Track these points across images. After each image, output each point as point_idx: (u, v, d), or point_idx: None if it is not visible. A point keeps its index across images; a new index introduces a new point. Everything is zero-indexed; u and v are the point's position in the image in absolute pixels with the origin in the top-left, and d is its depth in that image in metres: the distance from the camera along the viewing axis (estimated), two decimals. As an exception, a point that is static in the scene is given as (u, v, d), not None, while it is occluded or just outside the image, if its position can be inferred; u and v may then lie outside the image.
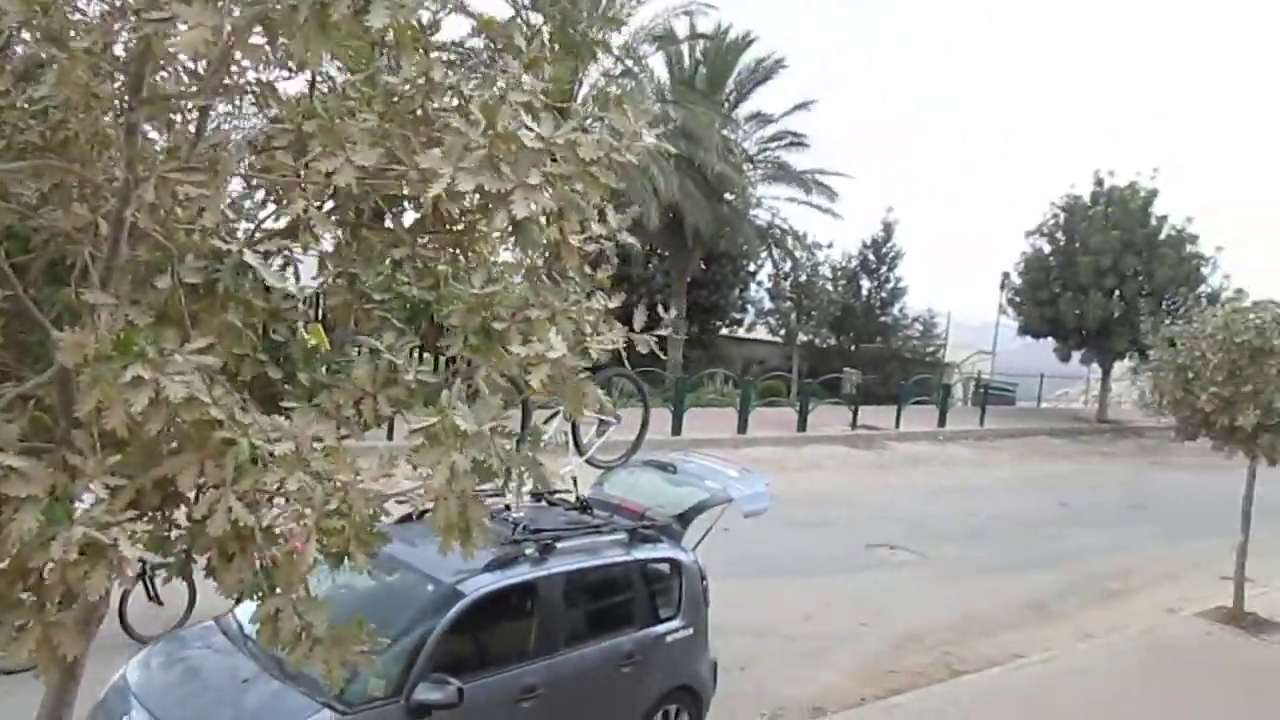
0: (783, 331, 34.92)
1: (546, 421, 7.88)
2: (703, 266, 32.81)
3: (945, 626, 12.03)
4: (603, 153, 3.00)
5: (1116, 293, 30.69)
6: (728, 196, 29.54)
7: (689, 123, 26.51)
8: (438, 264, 3.50)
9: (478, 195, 2.83)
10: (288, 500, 2.75)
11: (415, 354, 3.61)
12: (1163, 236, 31.17)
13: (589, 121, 3.20)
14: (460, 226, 3.57)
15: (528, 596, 6.85)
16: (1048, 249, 33.01)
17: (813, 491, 18.14)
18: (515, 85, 3.22)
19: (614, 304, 3.46)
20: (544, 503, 8.10)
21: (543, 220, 2.93)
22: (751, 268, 36.61)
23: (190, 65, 3.12)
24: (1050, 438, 29.98)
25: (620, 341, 3.33)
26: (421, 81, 3.27)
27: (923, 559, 14.71)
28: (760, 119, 31.17)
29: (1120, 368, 32.31)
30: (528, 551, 6.85)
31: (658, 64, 29.27)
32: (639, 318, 3.42)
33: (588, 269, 3.46)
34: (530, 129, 2.89)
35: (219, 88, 3.15)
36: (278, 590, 2.81)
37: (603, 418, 8.36)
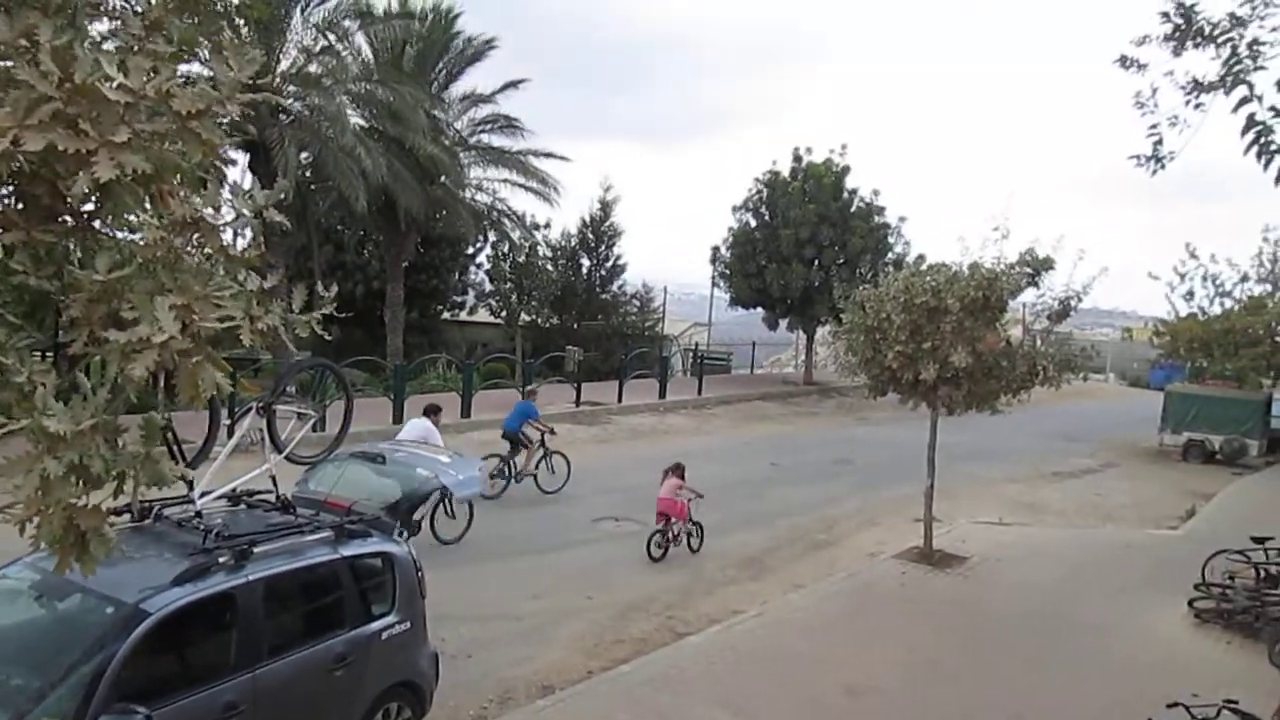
0: (504, 313, 34.77)
1: (238, 419, 7.39)
2: (420, 250, 32.12)
3: (668, 591, 12.37)
4: (204, 105, 2.72)
5: (816, 262, 32.68)
6: (442, 179, 29.00)
7: (397, 104, 25.80)
8: (59, 248, 3.09)
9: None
10: None
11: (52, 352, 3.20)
12: (854, 209, 33.46)
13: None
14: (90, 206, 3.18)
15: (224, 608, 6.37)
16: (753, 223, 34.61)
17: (538, 471, 18.18)
18: (139, 44, 2.89)
19: (270, 283, 3.18)
20: (242, 505, 7.60)
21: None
22: (470, 250, 36.26)
23: None
24: (763, 402, 31.59)
25: (278, 324, 3.06)
26: (23, 43, 2.87)
27: (647, 528, 15.01)
28: (472, 99, 30.73)
29: (823, 332, 34.52)
30: (221, 560, 6.37)
31: (365, 43, 28.19)
32: (298, 297, 3.16)
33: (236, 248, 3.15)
34: (113, 79, 2.57)
35: None
36: None
37: (301, 411, 7.95)
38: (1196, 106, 6.94)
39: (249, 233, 3.88)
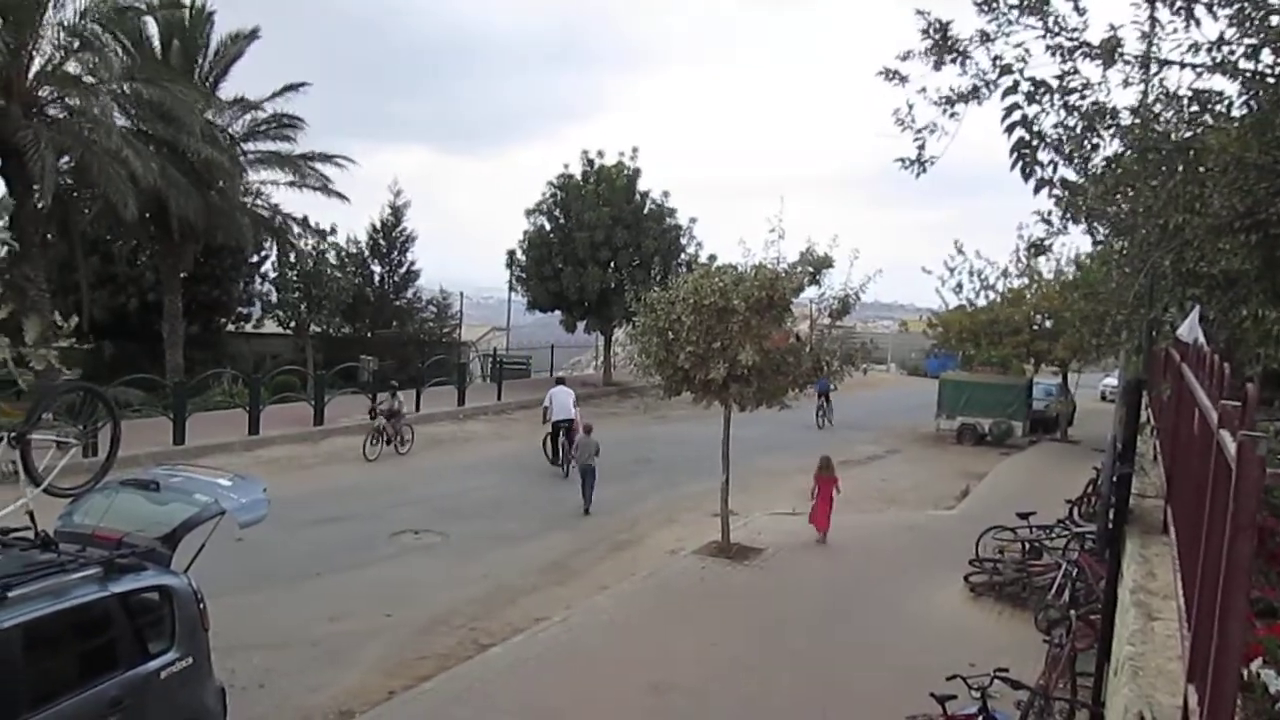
0: (293, 324, 33.37)
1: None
2: (199, 260, 30.42)
3: (471, 602, 12.20)
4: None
5: (611, 264, 33.03)
6: (220, 184, 27.58)
7: (168, 104, 24.29)
8: None
9: None
10: None
11: None
12: (647, 211, 34.01)
13: None
14: None
15: (-26, 660, 5.81)
16: (548, 226, 34.63)
17: (333, 486, 17.61)
18: None
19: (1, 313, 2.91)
20: (-5, 545, 6.96)
21: None
22: (255, 259, 34.65)
23: None
24: (564, 405, 31.58)
25: (7, 356, 2.80)
26: None
27: (446, 539, 14.80)
28: (245, 104, 29.36)
29: (621, 334, 34.89)
30: (-31, 608, 5.81)
31: (126, 38, 26.34)
32: (31, 329, 2.91)
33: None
34: None
35: None
36: None
37: (60, 439, 7.37)
38: (952, 116, 7.41)
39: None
